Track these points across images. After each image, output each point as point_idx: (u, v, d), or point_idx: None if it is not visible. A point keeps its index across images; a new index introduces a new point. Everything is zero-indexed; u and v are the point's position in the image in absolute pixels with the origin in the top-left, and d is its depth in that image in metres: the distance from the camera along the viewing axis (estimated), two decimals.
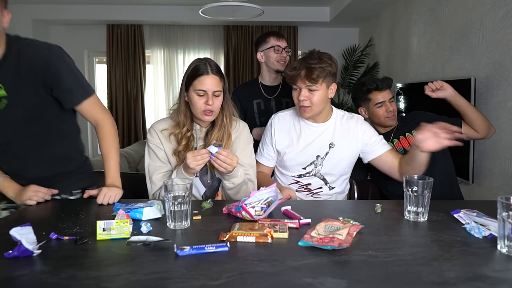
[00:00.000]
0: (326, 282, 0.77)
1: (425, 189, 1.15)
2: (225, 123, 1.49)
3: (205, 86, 1.39)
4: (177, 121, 1.47)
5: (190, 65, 1.45)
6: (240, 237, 0.99)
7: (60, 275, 0.80)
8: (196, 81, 1.39)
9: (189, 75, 1.42)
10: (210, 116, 1.43)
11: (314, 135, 1.64)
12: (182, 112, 1.46)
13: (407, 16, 3.97)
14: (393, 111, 1.88)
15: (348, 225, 1.06)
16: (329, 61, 1.51)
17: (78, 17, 5.25)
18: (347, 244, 0.94)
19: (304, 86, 1.52)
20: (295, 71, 1.52)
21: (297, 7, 5.27)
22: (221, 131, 1.47)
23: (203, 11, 3.89)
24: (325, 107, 1.61)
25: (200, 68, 1.40)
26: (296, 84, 1.54)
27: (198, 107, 1.41)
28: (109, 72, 5.67)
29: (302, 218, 1.15)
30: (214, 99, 1.40)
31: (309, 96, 1.53)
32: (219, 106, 1.44)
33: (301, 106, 1.55)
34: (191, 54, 5.73)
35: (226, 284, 0.77)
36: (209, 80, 1.39)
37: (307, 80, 1.50)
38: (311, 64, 1.49)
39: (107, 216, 1.17)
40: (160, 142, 1.48)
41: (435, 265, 0.85)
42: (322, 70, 1.49)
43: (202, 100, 1.40)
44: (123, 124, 5.75)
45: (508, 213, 0.91)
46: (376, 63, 4.95)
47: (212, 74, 1.39)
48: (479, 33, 2.64)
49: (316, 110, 1.57)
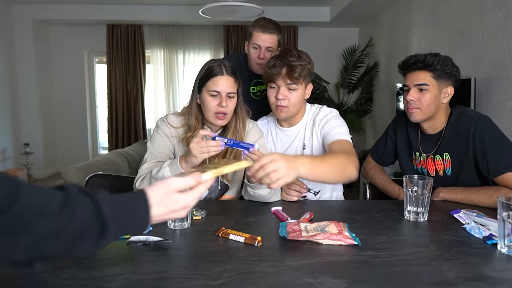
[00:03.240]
0: (326, 282, 0.77)
1: (425, 189, 1.15)
2: (239, 128, 1.42)
3: (219, 87, 1.33)
4: (188, 124, 1.41)
5: (203, 66, 1.39)
6: (232, 235, 1.00)
7: (60, 275, 0.80)
8: (210, 82, 1.34)
9: (203, 76, 1.37)
10: (222, 120, 1.36)
11: (290, 139, 1.58)
12: (193, 114, 1.40)
13: (407, 16, 3.97)
14: (416, 102, 1.42)
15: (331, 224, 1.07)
16: (307, 59, 1.44)
17: (78, 17, 5.26)
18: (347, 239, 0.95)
19: (284, 84, 1.43)
20: (275, 68, 1.42)
21: (297, 7, 5.27)
22: (234, 136, 1.41)
23: (203, 11, 3.89)
24: (301, 109, 1.53)
25: (214, 68, 1.35)
26: (275, 83, 1.44)
27: (210, 109, 1.35)
28: (109, 72, 5.67)
29: (290, 219, 1.16)
30: (228, 101, 1.34)
31: (288, 95, 1.44)
32: (232, 109, 1.38)
33: (278, 106, 1.46)
34: (191, 54, 5.74)
35: (226, 284, 0.77)
36: (223, 81, 1.34)
37: (288, 78, 1.41)
38: (292, 62, 1.40)
39: None
40: (171, 134, 1.42)
41: (435, 265, 0.85)
42: (303, 68, 1.41)
43: (215, 101, 1.34)
44: (123, 124, 5.75)
45: (508, 213, 0.91)
46: (376, 63, 4.95)
47: (226, 75, 1.35)
48: (479, 33, 2.64)
49: (293, 111, 1.49)
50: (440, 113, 1.46)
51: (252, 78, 2.10)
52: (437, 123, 1.47)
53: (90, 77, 5.96)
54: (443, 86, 1.42)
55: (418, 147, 1.53)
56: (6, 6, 5.01)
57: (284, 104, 1.45)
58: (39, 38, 5.38)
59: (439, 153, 1.47)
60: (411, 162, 1.59)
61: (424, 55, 1.42)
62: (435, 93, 1.41)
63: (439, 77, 1.40)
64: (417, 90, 1.42)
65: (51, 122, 5.77)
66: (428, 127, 1.49)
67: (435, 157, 1.48)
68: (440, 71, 1.39)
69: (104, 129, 6.15)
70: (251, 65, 2.05)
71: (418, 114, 1.44)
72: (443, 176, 1.46)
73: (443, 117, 1.47)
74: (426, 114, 1.43)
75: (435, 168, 1.49)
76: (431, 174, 1.49)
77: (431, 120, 1.46)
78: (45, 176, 5.55)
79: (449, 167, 1.45)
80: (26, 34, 5.19)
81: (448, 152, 1.45)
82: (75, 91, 5.80)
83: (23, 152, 5.21)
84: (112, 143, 5.78)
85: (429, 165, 1.50)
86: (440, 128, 1.47)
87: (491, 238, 0.99)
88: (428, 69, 1.40)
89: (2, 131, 5.00)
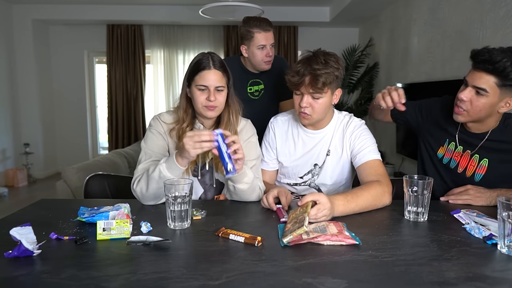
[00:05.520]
0: (326, 282, 0.77)
1: (425, 189, 1.15)
2: (232, 120, 1.41)
3: (207, 82, 1.32)
4: (178, 117, 1.41)
5: (193, 60, 1.38)
6: (232, 235, 1.00)
7: (60, 275, 0.80)
8: (198, 76, 1.34)
9: (191, 70, 1.37)
10: (212, 112, 1.35)
11: (312, 142, 1.54)
12: (182, 108, 1.41)
13: (407, 16, 3.97)
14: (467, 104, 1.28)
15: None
16: (335, 65, 1.37)
17: (78, 17, 5.26)
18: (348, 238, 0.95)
19: (308, 93, 1.39)
20: (299, 77, 1.36)
21: (297, 7, 5.27)
22: (227, 129, 1.40)
23: (203, 11, 3.89)
24: (327, 114, 1.49)
25: (202, 62, 1.34)
26: (299, 90, 1.40)
27: (199, 103, 1.34)
28: (109, 72, 5.68)
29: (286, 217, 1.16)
30: (217, 94, 1.34)
31: (312, 103, 1.40)
32: (222, 102, 1.37)
33: (302, 113, 1.43)
34: (191, 54, 5.74)
35: (226, 284, 0.77)
36: (211, 75, 1.33)
37: (311, 88, 1.36)
38: (317, 71, 1.34)
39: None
40: (164, 131, 1.42)
41: (435, 265, 0.85)
42: (328, 76, 1.35)
43: (203, 95, 1.33)
44: (123, 124, 5.75)
45: (508, 213, 0.91)
46: (376, 63, 4.95)
47: (214, 69, 1.33)
48: (479, 33, 2.64)
49: (317, 118, 1.45)
50: (491, 118, 1.32)
51: (249, 79, 2.11)
52: (482, 126, 1.35)
53: (90, 77, 5.96)
54: (506, 96, 1.24)
55: (456, 137, 1.42)
56: (6, 6, 5.01)
57: (308, 112, 1.42)
58: (39, 38, 5.38)
59: (478, 153, 1.37)
60: (437, 149, 1.49)
61: (500, 55, 1.18)
62: (493, 101, 1.24)
63: (505, 86, 1.21)
64: (474, 91, 1.26)
65: (51, 122, 5.77)
66: (472, 126, 1.37)
67: (472, 156, 1.39)
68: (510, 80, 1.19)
69: (104, 129, 6.16)
70: (248, 65, 2.07)
71: (463, 117, 1.32)
72: (469, 178, 1.40)
73: (493, 122, 1.34)
74: (472, 118, 1.31)
75: (466, 166, 1.40)
76: (458, 170, 1.42)
77: (477, 122, 1.34)
78: (45, 176, 5.55)
79: (481, 173, 1.38)
80: (26, 34, 5.19)
81: (488, 159, 1.35)
82: (75, 91, 5.80)
83: (23, 152, 5.21)
84: (112, 143, 5.78)
85: (463, 160, 1.40)
86: (485, 130, 1.36)
87: (491, 238, 0.99)
88: (495, 74, 1.20)
89: (2, 131, 5.00)
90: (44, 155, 5.56)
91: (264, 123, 1.68)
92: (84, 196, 1.61)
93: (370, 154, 1.43)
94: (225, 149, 1.20)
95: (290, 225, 1.02)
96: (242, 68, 2.10)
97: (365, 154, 1.43)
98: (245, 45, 2.01)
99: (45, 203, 1.35)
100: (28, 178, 5.20)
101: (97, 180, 1.63)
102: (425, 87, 3.39)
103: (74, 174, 2.64)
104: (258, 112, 1.75)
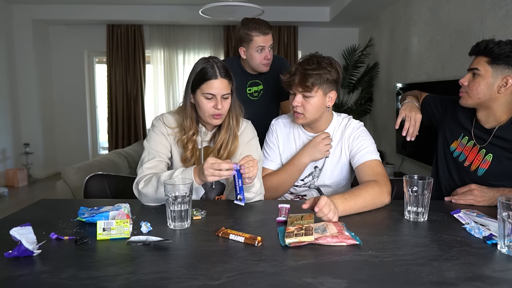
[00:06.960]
0: (326, 282, 0.77)
1: (425, 189, 1.15)
2: (232, 125, 1.44)
3: (214, 90, 1.33)
4: (184, 125, 1.41)
5: (196, 66, 1.38)
6: (232, 235, 1.00)
7: (60, 275, 0.80)
8: (204, 85, 1.34)
9: (196, 78, 1.36)
10: (218, 120, 1.38)
11: None
12: (188, 116, 1.40)
13: (407, 16, 3.97)
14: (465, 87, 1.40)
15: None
16: (328, 67, 1.41)
17: (78, 17, 5.26)
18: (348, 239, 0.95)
19: (299, 92, 1.44)
20: (290, 76, 1.44)
21: (297, 7, 5.28)
22: (228, 133, 1.43)
23: (203, 11, 3.89)
24: (322, 115, 1.51)
25: (208, 71, 1.34)
26: (292, 90, 1.46)
27: (206, 111, 1.36)
28: (109, 72, 5.68)
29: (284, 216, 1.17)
30: (223, 102, 1.35)
31: (303, 102, 1.44)
32: (227, 108, 1.39)
33: (294, 112, 1.48)
34: (191, 54, 5.74)
35: (226, 284, 0.77)
36: (218, 83, 1.33)
37: (300, 86, 1.42)
38: (307, 70, 1.40)
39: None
40: (167, 133, 1.42)
41: (435, 265, 0.85)
42: (318, 77, 1.40)
43: (210, 103, 1.35)
44: (123, 124, 5.75)
45: (508, 213, 0.91)
46: (376, 63, 4.95)
47: (221, 78, 1.34)
48: (479, 33, 2.64)
49: (310, 118, 1.48)
50: (498, 105, 1.36)
51: (248, 80, 2.12)
52: (490, 117, 1.39)
53: (90, 77, 5.97)
54: (500, 74, 1.31)
55: (471, 132, 1.45)
56: (6, 6, 5.01)
57: (300, 111, 1.46)
58: (39, 38, 5.38)
59: (485, 148, 1.40)
60: (451, 142, 1.53)
61: (490, 40, 1.35)
62: (488, 81, 1.32)
63: (494, 62, 1.31)
64: (471, 74, 1.38)
65: (51, 122, 5.77)
66: (481, 116, 1.41)
67: (480, 150, 1.41)
68: (497, 56, 1.30)
69: (104, 129, 6.16)
70: (247, 67, 2.08)
71: (465, 99, 1.40)
72: (472, 171, 1.42)
73: (501, 114, 1.37)
74: (473, 100, 1.38)
75: (472, 160, 1.43)
76: (465, 163, 1.44)
77: (485, 110, 1.39)
78: (45, 176, 5.55)
79: (484, 167, 1.39)
80: (26, 34, 5.19)
81: (492, 154, 1.38)
82: (75, 91, 5.80)
83: (23, 152, 5.21)
84: (112, 143, 5.78)
85: (471, 154, 1.44)
86: (494, 124, 1.39)
87: (491, 238, 0.99)
88: (484, 54, 1.33)
89: (2, 131, 5.00)
90: (44, 155, 5.56)
91: (264, 124, 1.68)
92: (84, 196, 1.61)
93: (368, 154, 1.45)
94: (239, 182, 1.25)
95: (294, 229, 1.02)
96: (241, 69, 2.10)
97: (363, 154, 1.45)
98: (243, 47, 2.02)
99: (45, 203, 1.35)
100: (28, 178, 5.20)
101: (97, 180, 1.63)
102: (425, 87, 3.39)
103: (74, 174, 2.64)
104: (257, 113, 1.75)
